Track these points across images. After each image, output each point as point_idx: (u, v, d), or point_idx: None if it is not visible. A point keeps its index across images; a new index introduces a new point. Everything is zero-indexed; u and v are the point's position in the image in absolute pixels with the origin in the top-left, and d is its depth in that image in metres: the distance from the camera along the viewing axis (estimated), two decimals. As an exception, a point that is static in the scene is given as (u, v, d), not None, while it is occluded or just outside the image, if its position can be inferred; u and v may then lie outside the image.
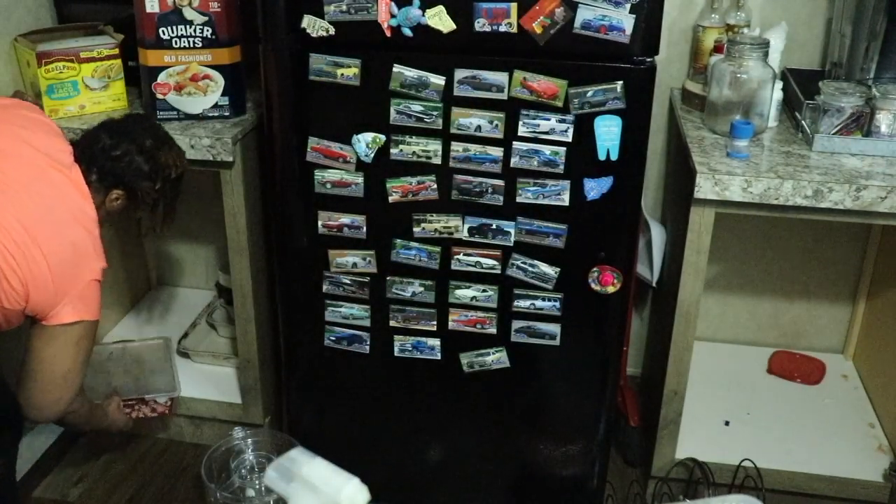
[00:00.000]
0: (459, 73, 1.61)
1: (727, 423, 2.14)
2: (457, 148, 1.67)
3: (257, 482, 2.02)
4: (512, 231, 1.72)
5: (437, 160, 1.68)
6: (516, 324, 1.81)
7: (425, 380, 1.92)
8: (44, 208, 1.53)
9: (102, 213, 1.64)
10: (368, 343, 1.90)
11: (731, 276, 2.42)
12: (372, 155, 1.70)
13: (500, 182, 1.68)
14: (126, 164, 1.65)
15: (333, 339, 1.91)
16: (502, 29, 1.56)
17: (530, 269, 1.75)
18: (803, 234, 2.32)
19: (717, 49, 1.93)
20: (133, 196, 1.69)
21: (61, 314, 1.56)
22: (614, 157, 1.63)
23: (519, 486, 2.02)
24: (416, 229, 1.76)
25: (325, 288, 1.86)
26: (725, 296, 2.45)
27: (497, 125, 1.63)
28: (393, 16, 1.59)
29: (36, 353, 1.60)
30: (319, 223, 1.79)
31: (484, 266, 1.76)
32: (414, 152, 1.69)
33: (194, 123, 1.92)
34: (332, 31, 1.62)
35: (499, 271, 1.76)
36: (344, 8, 1.59)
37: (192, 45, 1.86)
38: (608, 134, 1.61)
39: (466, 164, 1.68)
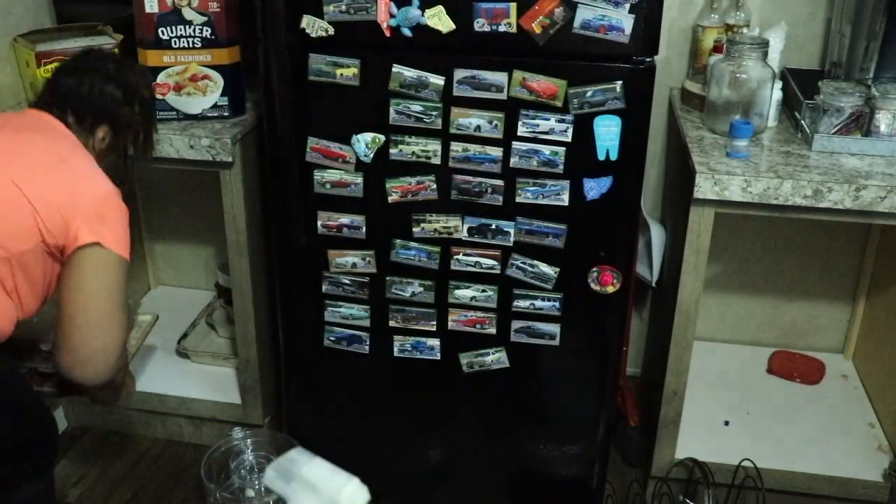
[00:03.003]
0: (459, 73, 1.60)
1: (727, 423, 2.14)
2: (456, 148, 1.66)
3: (257, 482, 2.02)
4: (511, 231, 1.72)
5: (437, 160, 1.68)
6: (516, 324, 1.81)
7: (425, 380, 1.92)
8: (29, 143, 1.49)
9: (93, 156, 1.57)
10: (368, 343, 1.90)
11: (731, 276, 2.42)
12: (371, 155, 1.70)
13: (500, 182, 1.68)
14: (98, 95, 1.59)
15: (333, 339, 1.91)
16: (502, 29, 1.56)
17: (530, 269, 1.75)
18: (803, 234, 2.32)
19: (717, 49, 1.93)
20: (117, 127, 1.62)
21: (78, 234, 1.43)
22: (614, 157, 1.63)
23: (519, 486, 2.02)
24: (415, 229, 1.76)
25: (324, 288, 1.86)
26: (725, 296, 2.45)
27: (496, 125, 1.63)
28: (392, 16, 1.59)
29: (67, 294, 1.45)
30: (319, 223, 1.79)
31: (483, 266, 1.76)
32: (413, 152, 1.69)
33: (193, 124, 1.92)
34: (331, 31, 1.62)
35: (498, 271, 1.76)
36: (343, 8, 1.59)
37: (191, 46, 1.86)
38: (608, 134, 1.61)
39: (466, 164, 1.68)
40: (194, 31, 1.85)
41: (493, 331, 1.83)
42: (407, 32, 1.59)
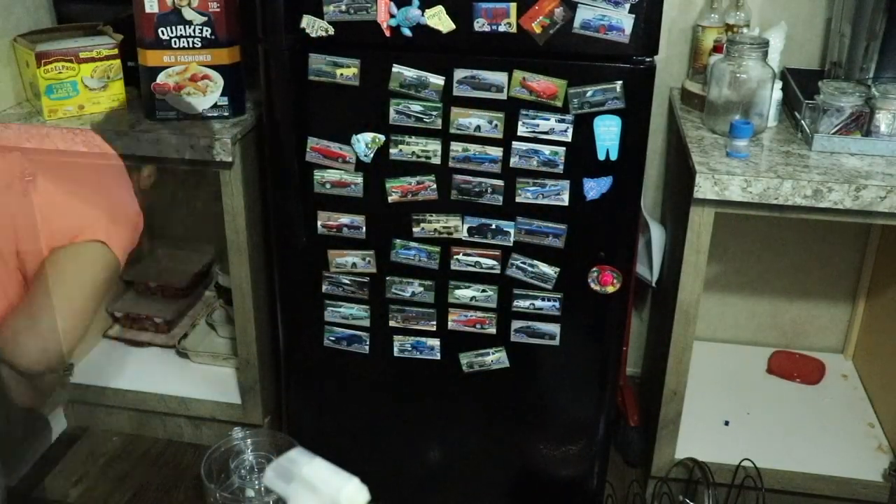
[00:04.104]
0: (459, 73, 1.60)
1: (727, 423, 2.14)
2: (456, 148, 1.66)
3: (257, 482, 2.02)
4: (511, 231, 1.72)
5: (437, 160, 1.68)
6: (516, 324, 1.81)
7: (425, 380, 1.92)
8: None
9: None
10: (368, 343, 1.90)
11: (731, 276, 2.42)
12: (371, 155, 1.70)
13: (500, 182, 1.68)
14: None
15: (333, 339, 1.91)
16: (502, 29, 1.56)
17: (530, 268, 1.75)
18: (803, 234, 2.32)
19: (717, 49, 1.93)
20: None
21: (85, 231, 1.39)
22: (614, 157, 1.63)
23: (519, 486, 2.02)
24: (415, 229, 1.76)
25: (324, 288, 1.86)
26: (725, 296, 2.45)
27: (496, 125, 1.63)
28: (392, 16, 1.59)
29: (55, 272, 1.37)
30: (319, 223, 1.79)
31: (483, 266, 1.76)
32: (413, 152, 1.69)
33: (193, 124, 1.92)
34: (331, 31, 1.62)
35: (498, 271, 1.76)
36: (343, 8, 1.59)
37: (191, 46, 1.86)
38: (608, 134, 1.61)
39: (466, 163, 1.68)
40: (194, 31, 1.85)
41: (493, 331, 1.83)
42: (407, 32, 1.59)
